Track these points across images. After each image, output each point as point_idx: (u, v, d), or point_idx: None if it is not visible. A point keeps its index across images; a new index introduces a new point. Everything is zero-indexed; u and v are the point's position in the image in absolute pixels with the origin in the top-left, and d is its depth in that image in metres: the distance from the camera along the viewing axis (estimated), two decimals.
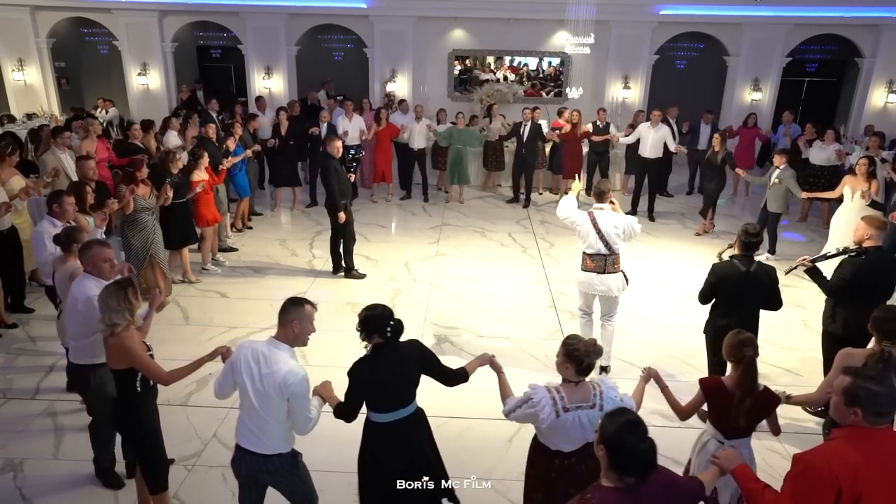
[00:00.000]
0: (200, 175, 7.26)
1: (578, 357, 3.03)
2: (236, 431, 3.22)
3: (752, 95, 13.69)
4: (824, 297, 4.98)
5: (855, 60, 13.86)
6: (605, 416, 2.35)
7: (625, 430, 2.23)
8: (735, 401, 3.22)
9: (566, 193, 5.89)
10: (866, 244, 4.74)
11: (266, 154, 10.12)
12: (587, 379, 3.11)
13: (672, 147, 10.12)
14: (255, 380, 3.06)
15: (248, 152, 8.79)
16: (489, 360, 3.46)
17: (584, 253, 5.40)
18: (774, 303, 4.67)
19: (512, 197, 10.95)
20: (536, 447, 3.24)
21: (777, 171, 8.07)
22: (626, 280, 5.49)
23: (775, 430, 3.41)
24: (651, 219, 10.02)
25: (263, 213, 9.96)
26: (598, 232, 5.26)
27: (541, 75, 14.22)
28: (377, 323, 3.22)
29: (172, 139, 9.13)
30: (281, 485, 3.26)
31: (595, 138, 10.68)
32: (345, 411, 3.26)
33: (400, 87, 13.75)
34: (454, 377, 3.40)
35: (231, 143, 8.43)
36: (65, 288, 4.25)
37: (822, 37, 13.66)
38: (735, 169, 9.03)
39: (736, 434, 3.30)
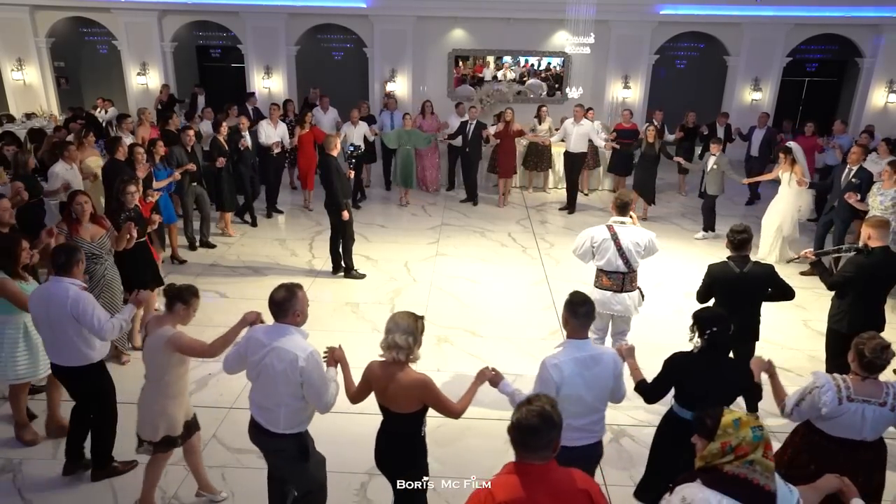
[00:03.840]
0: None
1: (862, 354, 3.05)
2: (569, 439, 3.10)
3: (753, 95, 13.70)
4: (830, 295, 4.97)
5: (855, 60, 13.87)
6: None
7: None
8: None
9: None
10: (871, 244, 4.71)
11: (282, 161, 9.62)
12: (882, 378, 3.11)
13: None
14: (590, 383, 3.16)
15: (177, 174, 7.56)
16: (767, 366, 3.41)
17: (600, 269, 5.04)
18: (784, 295, 4.61)
19: (466, 197, 10.84)
20: (809, 430, 3.23)
21: (714, 158, 8.89)
22: (643, 296, 5.23)
23: None
24: (570, 212, 10.43)
25: (217, 245, 8.51)
26: (619, 249, 4.90)
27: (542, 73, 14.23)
28: (701, 324, 3.34)
29: (206, 129, 9.34)
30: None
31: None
32: (647, 391, 3.41)
33: (400, 87, 13.75)
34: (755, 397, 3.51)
35: (142, 171, 6.80)
36: (157, 357, 3.58)
37: (822, 37, 13.67)
38: (673, 158, 9.87)
39: None
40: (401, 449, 3.23)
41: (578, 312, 3.16)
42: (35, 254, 4.59)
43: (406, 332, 3.05)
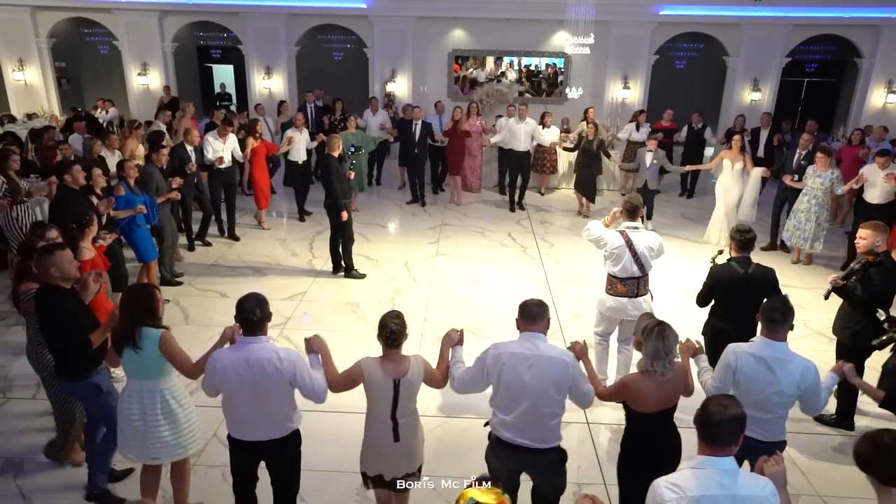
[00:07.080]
0: (88, 251, 4.84)
1: None
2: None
3: (752, 96, 13.72)
4: (836, 307, 4.85)
5: (854, 61, 13.88)
6: None
7: None
8: None
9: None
10: (879, 250, 4.65)
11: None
12: None
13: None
14: (772, 385, 3.22)
15: (141, 208, 6.24)
16: None
17: (614, 276, 4.98)
18: None
19: (412, 198, 10.77)
20: None
21: (650, 154, 9.25)
22: (652, 297, 5.17)
23: None
24: (521, 208, 10.53)
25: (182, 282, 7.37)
26: (634, 254, 4.86)
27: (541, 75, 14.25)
28: None
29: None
30: None
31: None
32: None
33: (400, 87, 13.77)
34: None
35: (103, 206, 5.75)
36: (416, 391, 3.34)
37: (821, 37, 13.68)
38: (610, 157, 10.22)
39: None
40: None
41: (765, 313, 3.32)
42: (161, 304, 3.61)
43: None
